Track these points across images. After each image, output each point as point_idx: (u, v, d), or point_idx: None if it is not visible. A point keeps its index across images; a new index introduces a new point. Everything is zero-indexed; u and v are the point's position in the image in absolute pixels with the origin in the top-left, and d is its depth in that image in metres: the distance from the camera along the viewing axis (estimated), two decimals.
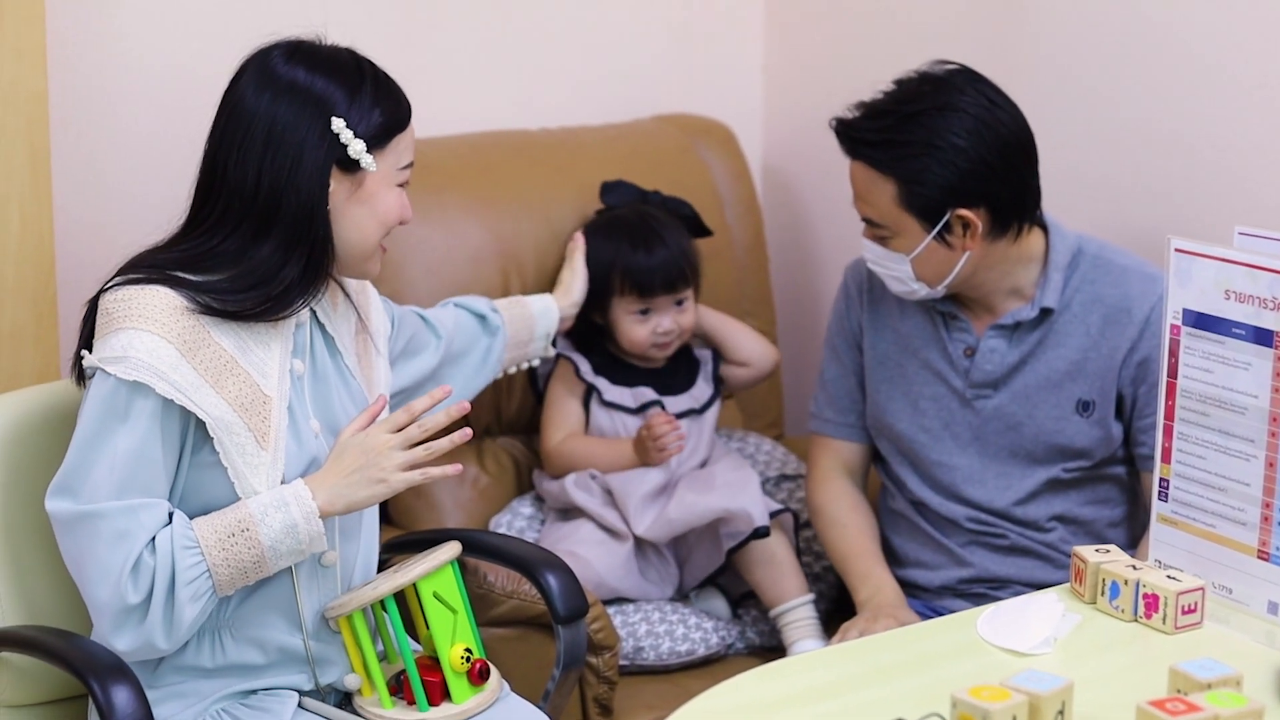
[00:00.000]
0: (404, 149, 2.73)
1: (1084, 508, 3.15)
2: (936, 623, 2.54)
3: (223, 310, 2.59)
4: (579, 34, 3.95)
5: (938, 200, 2.99)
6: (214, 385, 2.57)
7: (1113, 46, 3.39)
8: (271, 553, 2.57)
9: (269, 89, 2.65)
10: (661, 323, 3.41)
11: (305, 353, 2.72)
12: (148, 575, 2.51)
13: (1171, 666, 2.22)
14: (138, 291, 2.58)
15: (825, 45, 4.00)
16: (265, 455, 2.60)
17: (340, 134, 2.63)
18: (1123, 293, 3.08)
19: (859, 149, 3.04)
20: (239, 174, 2.63)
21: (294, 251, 2.63)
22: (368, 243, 2.70)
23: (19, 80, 3.09)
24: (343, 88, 2.67)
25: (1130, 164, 3.39)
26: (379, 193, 2.69)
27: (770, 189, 4.12)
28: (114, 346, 2.53)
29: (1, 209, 3.10)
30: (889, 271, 3.09)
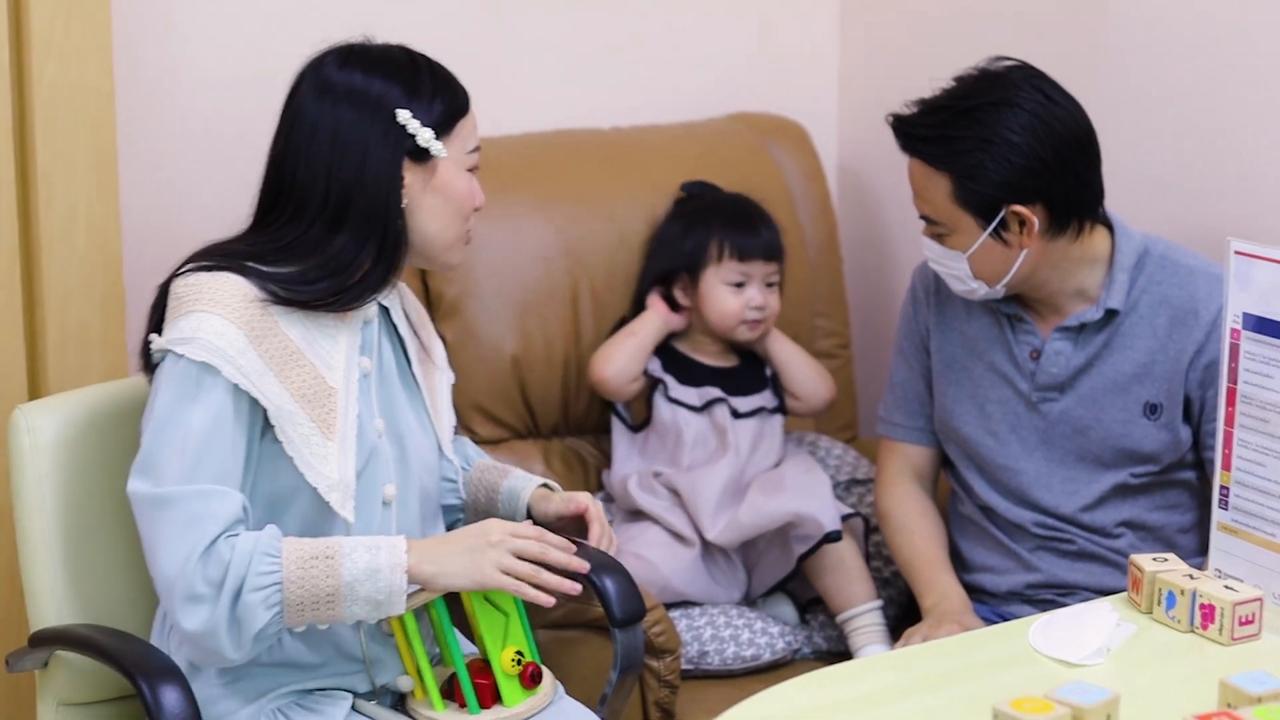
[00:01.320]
0: (468, 133, 2.76)
1: (1153, 513, 3.10)
2: (988, 631, 2.51)
3: (292, 299, 2.61)
4: (655, 33, 3.93)
5: (992, 197, 2.95)
6: (278, 374, 2.58)
7: (1186, 45, 3.34)
8: (348, 589, 2.52)
9: (328, 96, 2.67)
10: (754, 296, 3.40)
11: (373, 351, 2.73)
12: (220, 567, 2.49)
13: (1222, 679, 2.17)
14: (209, 278, 2.60)
15: (901, 44, 3.96)
16: (332, 445, 2.61)
17: (407, 125, 2.65)
18: (1189, 294, 3.03)
19: (914, 144, 3.01)
20: (307, 178, 2.65)
21: (367, 244, 2.65)
22: (448, 231, 2.73)
23: (84, 80, 3.10)
24: (401, 83, 2.69)
25: (1199, 163, 3.33)
26: (452, 180, 2.72)
27: (845, 189, 4.08)
28: (183, 329, 2.55)
29: (68, 209, 3.12)
30: (948, 270, 3.05)
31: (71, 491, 2.74)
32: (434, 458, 2.82)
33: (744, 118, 3.85)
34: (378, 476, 2.69)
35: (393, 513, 2.70)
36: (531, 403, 3.48)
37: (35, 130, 3.08)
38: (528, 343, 3.44)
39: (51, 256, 3.11)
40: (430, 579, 2.57)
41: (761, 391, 3.48)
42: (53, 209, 3.10)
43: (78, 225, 3.13)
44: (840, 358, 3.79)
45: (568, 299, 3.48)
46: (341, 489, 2.60)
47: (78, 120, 3.11)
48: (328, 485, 2.58)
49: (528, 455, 3.49)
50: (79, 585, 2.73)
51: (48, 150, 3.09)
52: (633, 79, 3.91)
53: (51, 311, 3.13)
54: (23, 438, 2.72)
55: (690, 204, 3.50)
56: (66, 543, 2.73)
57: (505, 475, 2.97)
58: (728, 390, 3.43)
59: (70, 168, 3.11)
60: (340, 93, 2.67)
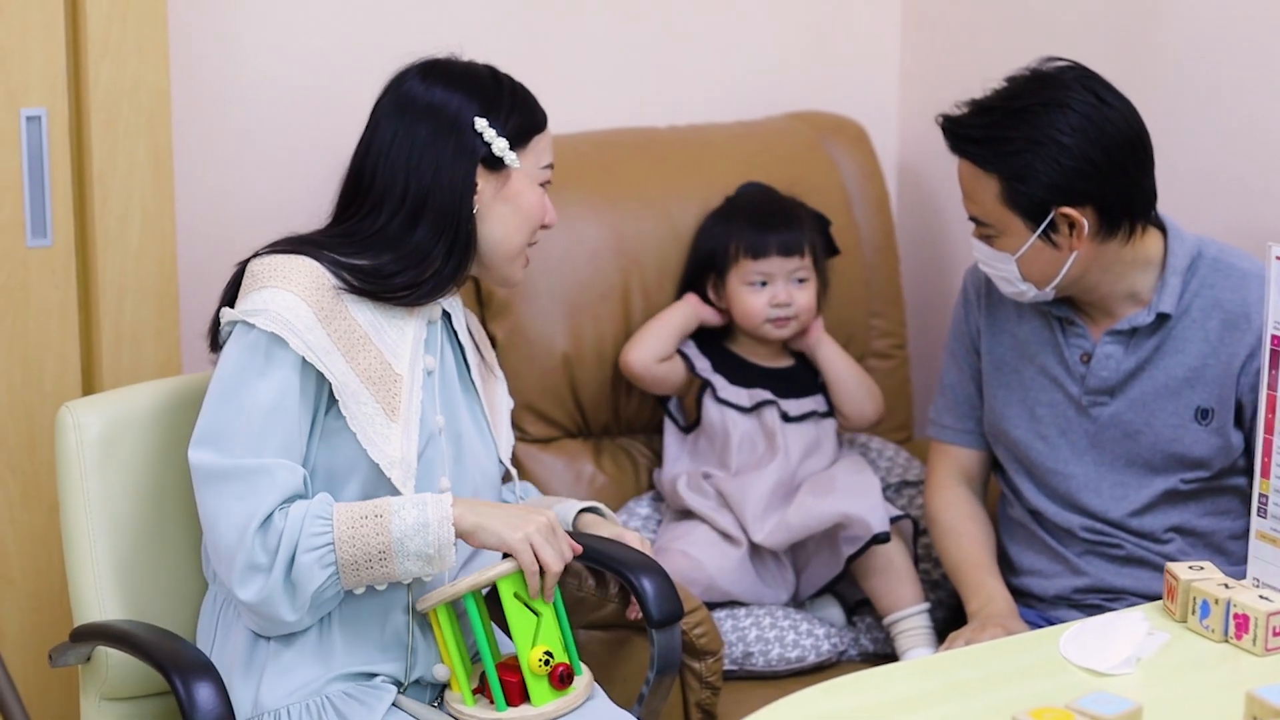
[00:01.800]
0: (543, 149, 2.85)
1: (1203, 519, 3.06)
2: (1020, 639, 2.49)
3: (365, 289, 2.70)
4: (716, 32, 3.93)
5: (1041, 198, 2.93)
6: (345, 354, 2.67)
7: (1245, 47, 3.30)
8: (398, 545, 2.60)
9: (408, 110, 2.79)
10: (778, 294, 3.36)
11: (437, 351, 2.81)
12: (275, 535, 2.58)
13: (1248, 691, 2.15)
14: (285, 259, 2.69)
15: (963, 44, 3.94)
16: (395, 427, 2.69)
17: (484, 133, 2.76)
18: (1241, 298, 2.99)
19: (963, 145, 2.99)
20: (386, 181, 2.78)
21: (439, 243, 2.75)
22: (514, 241, 2.82)
23: (142, 78, 3.13)
24: (480, 96, 2.80)
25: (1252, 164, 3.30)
26: (524, 191, 2.81)
27: (905, 188, 4.06)
28: (254, 301, 2.64)
29: (124, 207, 3.14)
30: (997, 272, 3.03)
31: (117, 488, 2.78)
32: (491, 464, 2.89)
33: (802, 116, 3.83)
34: (435, 468, 2.76)
35: None
36: (582, 402, 3.49)
37: (91, 130, 3.11)
38: (579, 341, 3.45)
39: (107, 255, 3.15)
40: (472, 530, 2.65)
41: (815, 395, 3.47)
42: (108, 208, 3.13)
43: (133, 224, 3.16)
44: (896, 358, 3.78)
45: (620, 298, 3.48)
46: (403, 467, 2.68)
47: (134, 119, 3.14)
48: (389, 462, 2.67)
49: (578, 454, 3.49)
50: (122, 581, 2.76)
51: (104, 149, 3.12)
52: (690, 78, 3.90)
53: (106, 309, 3.16)
54: (69, 434, 2.76)
55: (726, 205, 3.49)
56: (111, 539, 2.76)
57: (555, 501, 3.04)
58: (779, 392, 3.42)
59: (126, 167, 3.14)
60: (421, 105, 2.78)
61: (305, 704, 2.68)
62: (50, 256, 3.12)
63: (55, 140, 3.09)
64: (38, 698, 3.17)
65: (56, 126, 3.09)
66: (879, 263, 3.75)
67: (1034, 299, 3.04)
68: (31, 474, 3.13)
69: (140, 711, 2.82)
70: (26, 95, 3.06)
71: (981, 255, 3.05)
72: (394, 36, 2.98)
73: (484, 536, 2.65)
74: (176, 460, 2.77)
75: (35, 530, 3.14)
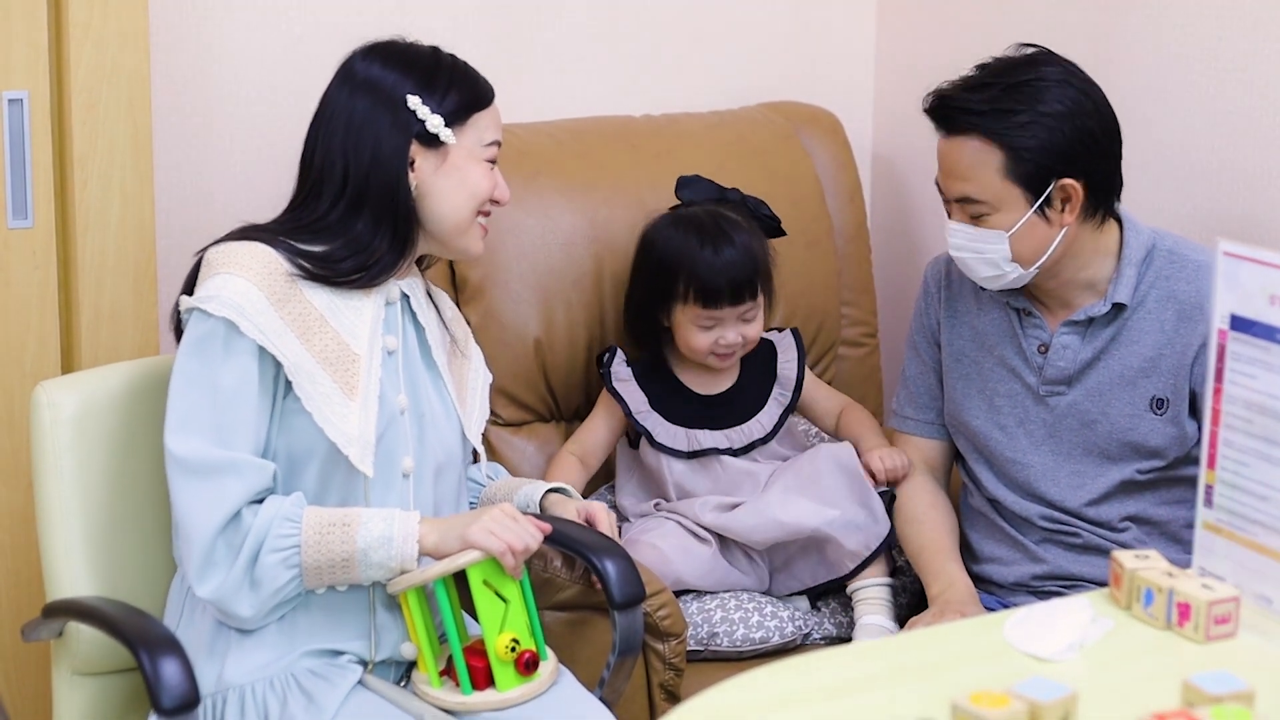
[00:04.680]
0: (486, 126, 2.86)
1: (1159, 509, 3.11)
2: (965, 624, 2.52)
3: (317, 275, 2.74)
4: (692, 22, 3.95)
5: (1044, 169, 2.96)
6: (300, 337, 2.69)
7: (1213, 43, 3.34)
8: (362, 556, 2.65)
9: (348, 84, 2.84)
10: (725, 335, 3.31)
11: (397, 331, 2.83)
12: (240, 533, 2.62)
13: (1184, 679, 2.18)
14: (239, 245, 2.75)
15: (937, 35, 3.97)
16: (353, 405, 2.71)
17: (417, 110, 2.79)
18: (1196, 289, 3.04)
19: (966, 120, 2.99)
20: (327, 161, 2.80)
21: (382, 223, 2.79)
22: (459, 214, 2.84)
23: (122, 61, 3.17)
24: (416, 73, 2.83)
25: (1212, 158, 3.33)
26: (465, 166, 2.83)
27: (879, 179, 4.10)
28: (208, 288, 2.68)
29: (103, 188, 3.18)
30: (981, 255, 3.03)
31: (90, 467, 2.81)
32: (456, 444, 2.91)
33: (778, 106, 3.86)
34: (397, 447, 2.78)
35: (410, 486, 2.79)
36: (554, 386, 3.52)
37: (72, 113, 3.15)
38: (551, 327, 3.48)
39: (87, 236, 3.19)
40: (435, 548, 2.69)
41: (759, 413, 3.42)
42: (88, 190, 3.17)
43: (112, 206, 3.20)
44: (866, 346, 3.81)
45: (592, 284, 3.51)
46: (360, 444, 2.70)
47: (114, 103, 3.18)
48: (346, 440, 2.69)
49: (549, 438, 3.53)
50: (94, 558, 2.80)
51: (84, 132, 3.16)
52: (666, 67, 3.93)
53: (86, 290, 3.20)
54: (44, 413, 2.80)
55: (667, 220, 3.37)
56: (84, 517, 2.80)
57: (523, 483, 3.08)
58: (721, 421, 3.39)
59: (106, 149, 3.18)
60: (359, 81, 2.83)
61: (270, 681, 2.71)
62: (30, 237, 3.16)
63: (36, 123, 3.13)
64: (14, 672, 3.21)
65: (38, 109, 3.13)
66: (851, 252, 3.79)
67: (1011, 283, 3.06)
68: (10, 452, 3.17)
69: (110, 687, 2.86)
70: (8, 78, 3.10)
71: (963, 240, 3.05)
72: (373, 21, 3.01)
73: (447, 547, 2.69)
74: (150, 440, 2.81)
75: (14, 507, 3.19)
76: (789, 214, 3.50)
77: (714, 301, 3.28)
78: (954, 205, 3.05)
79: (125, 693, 2.87)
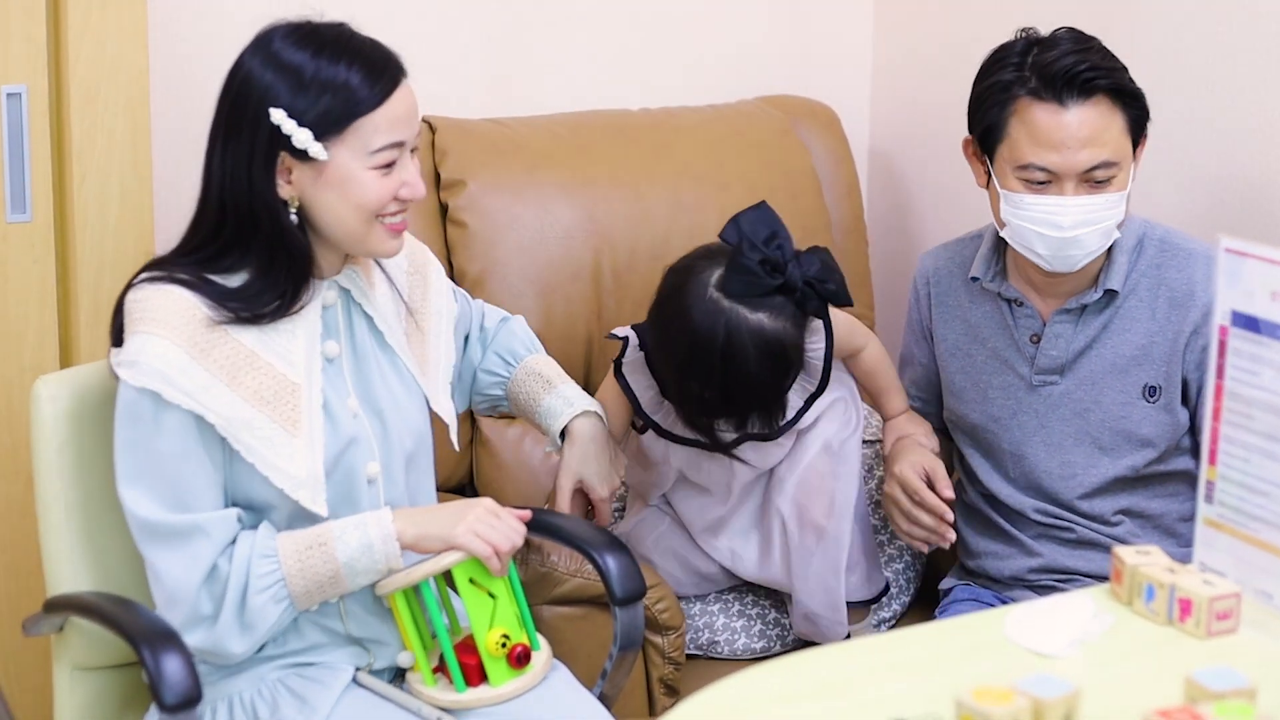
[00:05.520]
0: (373, 131, 2.61)
1: (1152, 502, 3.13)
2: (965, 619, 2.52)
3: (238, 318, 2.61)
4: (690, 16, 3.96)
5: (1140, 118, 3.02)
6: (229, 383, 2.58)
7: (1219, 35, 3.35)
8: (347, 569, 2.62)
9: (231, 83, 2.67)
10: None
11: (339, 334, 2.73)
12: (221, 583, 2.58)
13: (1187, 675, 2.19)
14: (154, 292, 2.61)
15: (935, 29, 3.97)
16: (298, 441, 2.62)
17: (281, 124, 2.58)
18: (1187, 276, 3.07)
19: (1097, 82, 2.96)
20: (207, 178, 2.70)
21: (277, 249, 2.63)
22: (347, 225, 2.65)
23: (121, 57, 3.18)
24: (289, 78, 2.61)
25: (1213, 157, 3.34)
26: (346, 177, 2.62)
27: (875, 173, 4.11)
28: (128, 351, 2.58)
29: (102, 184, 3.19)
30: (1100, 224, 2.97)
31: (91, 461, 2.80)
32: (422, 422, 2.83)
33: (775, 100, 3.87)
34: (358, 458, 2.71)
35: (379, 489, 2.74)
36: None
37: (71, 107, 3.16)
38: (550, 321, 3.48)
39: (85, 231, 3.19)
40: (415, 542, 2.66)
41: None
42: (87, 184, 3.18)
43: (111, 200, 3.20)
44: None
45: (591, 278, 3.52)
46: (310, 485, 2.63)
47: (113, 98, 3.18)
48: (294, 484, 2.62)
49: None
50: (95, 553, 2.79)
51: (83, 127, 3.17)
52: (664, 61, 3.94)
53: (84, 284, 3.21)
54: (44, 407, 2.78)
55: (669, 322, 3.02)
56: (84, 511, 2.79)
57: (549, 389, 3.02)
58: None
59: (105, 144, 3.19)
60: (238, 81, 2.65)
61: (258, 688, 2.70)
62: (29, 231, 3.16)
63: (35, 117, 3.13)
64: (14, 666, 3.23)
65: (36, 104, 3.13)
66: (849, 246, 3.80)
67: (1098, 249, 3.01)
68: (10, 447, 3.18)
69: (111, 681, 2.86)
70: (7, 72, 3.11)
71: (1084, 213, 2.96)
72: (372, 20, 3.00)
73: (429, 544, 2.67)
74: None
75: (14, 502, 3.19)
76: (787, 207, 3.47)
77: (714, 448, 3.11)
78: (1072, 180, 2.96)
79: (126, 687, 2.87)
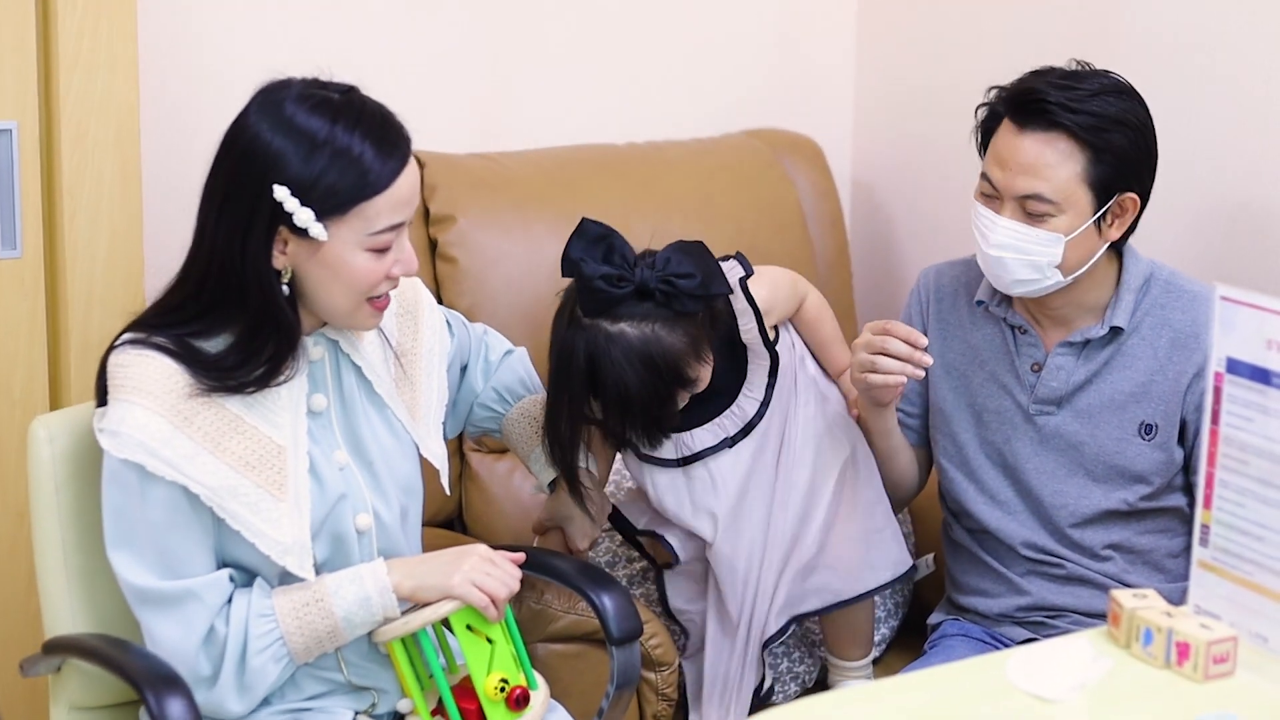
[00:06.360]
0: (375, 215, 2.57)
1: (1142, 537, 3.14)
2: (968, 664, 2.55)
3: (217, 388, 2.59)
4: (675, 51, 3.99)
5: (1115, 178, 2.98)
6: (214, 450, 2.57)
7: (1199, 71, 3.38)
8: (345, 623, 2.63)
9: (235, 141, 2.60)
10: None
11: (327, 387, 2.72)
12: (219, 645, 2.59)
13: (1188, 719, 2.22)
14: (136, 358, 2.58)
15: (915, 65, 4.00)
16: (284, 505, 2.61)
17: (284, 202, 2.53)
18: (1191, 318, 3.08)
19: (1059, 115, 2.96)
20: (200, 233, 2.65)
21: (267, 320, 2.60)
22: (333, 304, 2.63)
23: (111, 93, 3.17)
24: (301, 146, 2.54)
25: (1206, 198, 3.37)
26: (341, 258, 2.58)
27: (858, 204, 4.13)
28: (111, 419, 2.56)
29: (91, 220, 3.19)
30: (1026, 256, 2.99)
31: (88, 502, 2.78)
32: (413, 470, 2.83)
33: (760, 134, 3.89)
34: (348, 512, 2.70)
35: (371, 539, 2.74)
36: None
37: (61, 143, 3.16)
38: (538, 356, 3.44)
39: (75, 267, 3.19)
40: (412, 594, 2.66)
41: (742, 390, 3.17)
42: (77, 221, 3.18)
43: (101, 237, 3.20)
44: None
45: None
46: (297, 551, 2.62)
47: (103, 134, 3.18)
48: (281, 550, 2.61)
49: None
50: (93, 594, 2.79)
51: (73, 163, 3.17)
52: (649, 96, 3.96)
53: (74, 321, 3.20)
54: (42, 448, 2.78)
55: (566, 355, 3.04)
56: (82, 552, 2.79)
57: (540, 437, 3.03)
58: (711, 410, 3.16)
59: (95, 180, 3.19)
60: (244, 143, 2.58)
61: None
62: (19, 267, 3.16)
63: (25, 153, 3.13)
64: (5, 704, 3.22)
65: (27, 140, 3.13)
66: (832, 277, 3.82)
67: (1037, 291, 3.03)
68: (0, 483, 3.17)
69: None
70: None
71: (1011, 238, 2.99)
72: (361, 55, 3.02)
73: (426, 594, 2.67)
74: None
75: (3, 538, 3.18)
76: (772, 240, 3.52)
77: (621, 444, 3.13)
78: (1011, 202, 2.99)
79: None
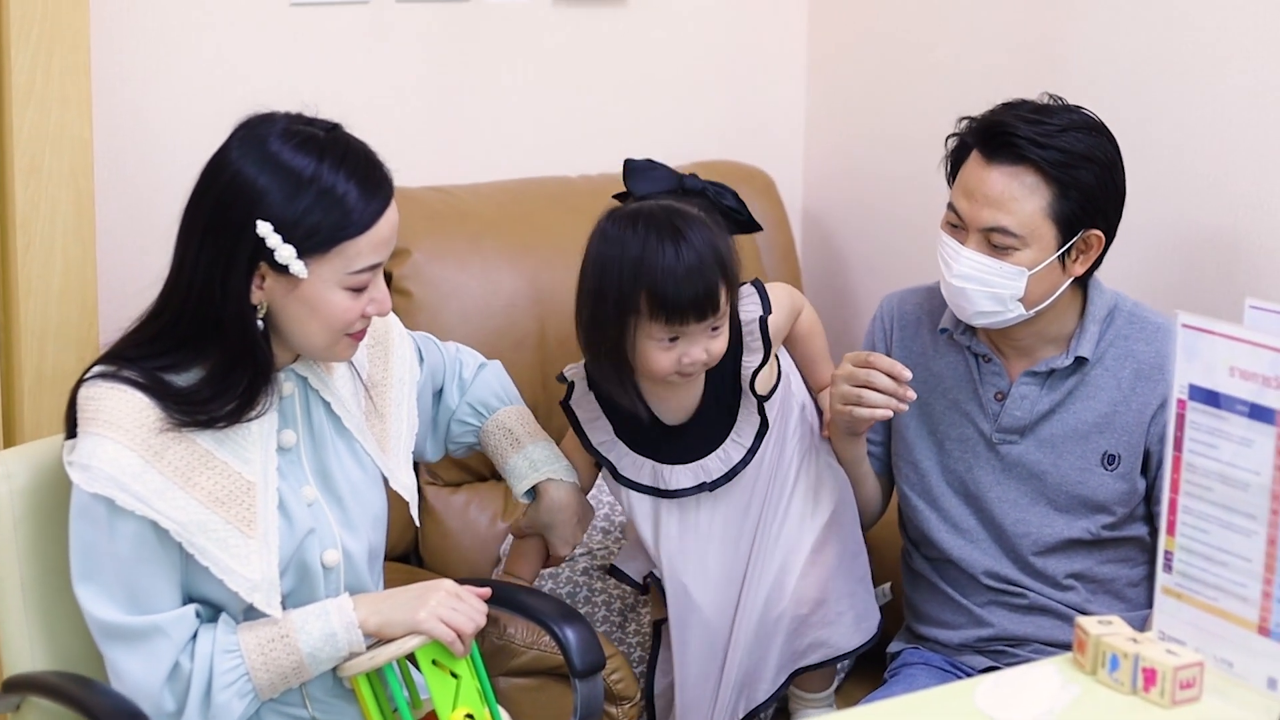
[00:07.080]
0: (355, 255, 2.58)
1: (1103, 566, 3.15)
2: (936, 692, 2.55)
3: (188, 423, 2.58)
4: (629, 86, 4.00)
5: (1081, 215, 2.99)
6: (184, 485, 2.56)
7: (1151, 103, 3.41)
8: (311, 659, 2.62)
9: (215, 177, 2.59)
10: (690, 351, 2.96)
11: (296, 422, 2.71)
12: (184, 681, 2.57)
13: None
14: (107, 391, 2.58)
15: (865, 99, 4.03)
16: (253, 541, 2.60)
17: (266, 238, 2.53)
18: (1155, 350, 3.10)
19: (1027, 149, 2.96)
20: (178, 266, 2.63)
21: (243, 356, 2.59)
22: (310, 339, 2.64)
23: (65, 126, 3.17)
24: (284, 185, 2.55)
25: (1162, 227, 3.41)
26: (318, 295, 2.59)
27: (809, 235, 4.15)
28: (81, 452, 2.55)
29: (45, 253, 3.17)
30: (988, 288, 3.00)
31: (47, 538, 2.77)
32: (381, 505, 2.82)
33: (712, 166, 3.89)
34: (315, 547, 2.69)
35: (338, 575, 2.73)
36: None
37: (14, 176, 3.15)
38: None
39: (29, 300, 3.18)
40: (378, 629, 2.65)
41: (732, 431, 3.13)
42: (30, 253, 3.16)
43: (54, 270, 3.19)
44: None
45: (535, 346, 3.53)
46: (265, 588, 2.61)
47: (57, 167, 3.18)
48: (249, 587, 2.60)
49: (490, 497, 3.55)
50: (53, 631, 2.77)
51: (26, 195, 3.16)
52: (604, 128, 3.97)
53: (28, 354, 3.19)
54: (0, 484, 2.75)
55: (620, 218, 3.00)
56: (41, 589, 2.77)
57: (516, 448, 3.04)
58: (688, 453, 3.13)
59: (49, 214, 3.18)
60: (227, 177, 2.57)
61: None
62: None
63: None
64: None
65: None
66: None
67: (1000, 323, 3.05)
68: None
69: None
70: None
71: (974, 269, 3.00)
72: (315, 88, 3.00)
73: (392, 630, 2.66)
74: None
75: None
76: None
77: (677, 316, 2.91)
78: (976, 234, 3.00)
79: None
